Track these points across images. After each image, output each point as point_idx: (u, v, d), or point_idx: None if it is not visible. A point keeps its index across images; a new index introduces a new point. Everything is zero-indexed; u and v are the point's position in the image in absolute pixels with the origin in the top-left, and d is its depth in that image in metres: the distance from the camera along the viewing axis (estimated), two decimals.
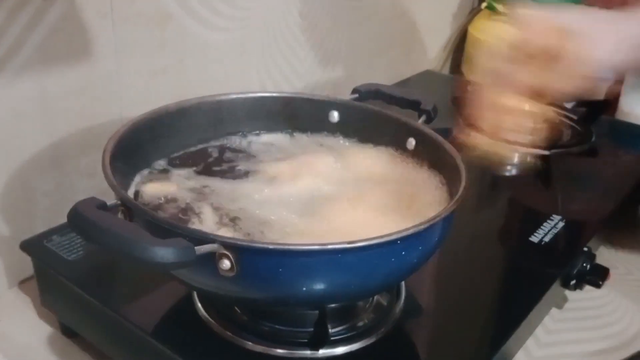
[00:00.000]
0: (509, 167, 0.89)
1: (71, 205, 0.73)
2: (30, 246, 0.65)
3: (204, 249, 0.43)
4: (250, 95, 0.68)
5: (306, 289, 0.46)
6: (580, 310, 0.72)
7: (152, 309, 0.59)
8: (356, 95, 0.70)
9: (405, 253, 0.47)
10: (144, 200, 0.57)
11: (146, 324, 0.57)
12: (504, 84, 0.58)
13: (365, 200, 0.59)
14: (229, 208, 0.56)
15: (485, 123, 0.59)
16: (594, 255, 0.69)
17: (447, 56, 1.35)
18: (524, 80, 0.57)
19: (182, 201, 0.58)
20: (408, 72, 1.22)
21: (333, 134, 0.69)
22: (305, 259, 0.45)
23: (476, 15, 1.30)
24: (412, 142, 0.64)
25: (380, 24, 1.14)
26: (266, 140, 0.69)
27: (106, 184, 0.51)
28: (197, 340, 0.55)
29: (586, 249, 0.69)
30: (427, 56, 1.32)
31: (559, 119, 0.93)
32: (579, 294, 0.71)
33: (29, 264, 0.66)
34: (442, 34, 1.34)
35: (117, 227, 0.41)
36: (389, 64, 1.20)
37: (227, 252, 0.43)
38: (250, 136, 0.69)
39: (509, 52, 0.58)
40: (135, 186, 0.58)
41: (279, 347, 0.53)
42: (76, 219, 0.42)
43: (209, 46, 0.84)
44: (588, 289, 0.70)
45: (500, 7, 1.22)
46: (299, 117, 0.69)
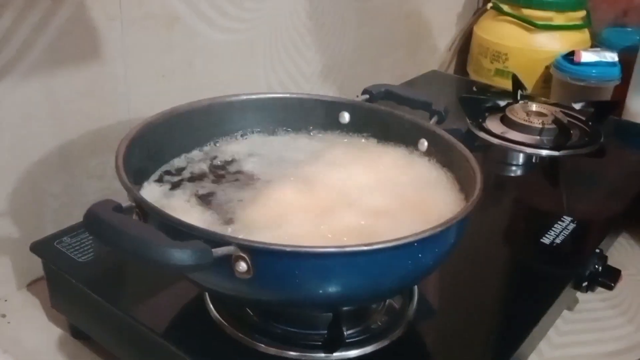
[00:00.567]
0: (517, 167, 0.89)
1: (80, 206, 0.73)
2: (40, 248, 0.65)
3: (220, 251, 0.42)
4: (261, 96, 0.67)
5: (322, 291, 0.46)
6: (592, 311, 0.72)
7: (163, 311, 0.59)
8: (367, 96, 0.70)
9: (421, 255, 0.46)
10: None
11: (157, 325, 0.56)
12: None
13: (378, 201, 0.59)
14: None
15: None
16: (605, 257, 0.68)
17: (453, 57, 1.35)
18: None
19: None
20: (414, 72, 1.22)
21: (346, 133, 0.69)
22: (322, 261, 0.44)
23: (482, 16, 1.29)
24: (424, 143, 0.64)
25: (386, 24, 1.14)
26: (273, 140, 0.68)
27: (115, 186, 0.51)
28: (208, 342, 0.55)
29: (598, 250, 0.68)
30: (433, 57, 1.32)
31: (567, 119, 0.92)
32: (591, 295, 0.70)
33: (38, 265, 0.66)
34: (447, 35, 1.34)
35: (134, 230, 0.41)
36: (394, 65, 1.20)
37: (244, 254, 0.43)
38: (258, 135, 0.68)
39: None
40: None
41: (292, 350, 0.53)
42: (92, 221, 0.42)
43: (217, 47, 0.84)
44: (599, 290, 0.69)
45: (506, 8, 1.21)
46: (310, 118, 0.68)
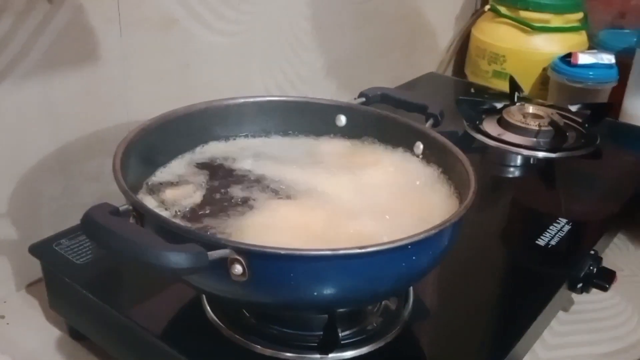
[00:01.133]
0: (514, 169, 0.89)
1: (78, 208, 0.73)
2: (39, 250, 0.65)
3: (216, 254, 0.43)
4: (258, 100, 0.68)
5: (317, 294, 0.46)
6: (587, 312, 0.72)
7: (160, 312, 0.59)
8: (363, 99, 0.70)
9: (415, 258, 0.47)
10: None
11: (154, 327, 0.57)
12: None
13: (373, 204, 0.59)
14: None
15: None
16: (600, 259, 0.69)
17: (450, 58, 1.35)
18: None
19: None
20: (411, 74, 1.22)
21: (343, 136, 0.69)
22: (316, 264, 0.45)
23: (479, 18, 1.30)
24: (419, 147, 0.64)
25: (383, 26, 1.14)
26: (271, 143, 0.69)
27: (112, 188, 0.51)
28: (205, 343, 0.55)
29: (592, 252, 0.69)
30: (430, 59, 1.32)
31: (563, 121, 0.93)
32: (586, 296, 0.71)
33: (37, 267, 0.66)
34: (445, 37, 1.34)
35: (130, 233, 0.41)
36: (391, 67, 1.20)
37: (239, 257, 0.43)
38: (256, 139, 0.69)
39: None
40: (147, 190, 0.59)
41: (288, 351, 0.53)
42: (89, 225, 0.42)
43: (214, 50, 0.84)
44: (595, 291, 0.70)
45: (504, 10, 1.22)
46: (306, 121, 0.69)
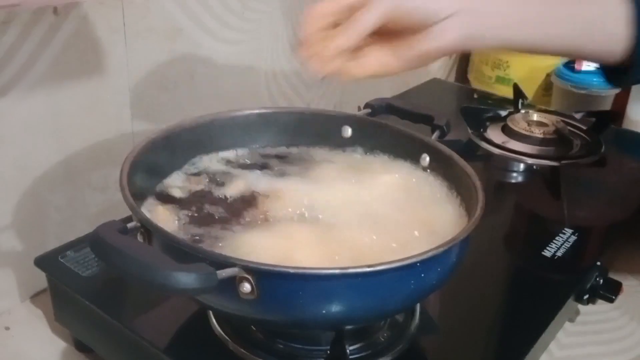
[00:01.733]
0: (519, 178, 0.89)
1: (83, 219, 0.74)
2: (44, 262, 0.65)
3: (225, 273, 0.43)
4: (263, 111, 0.68)
5: (326, 312, 0.46)
6: (593, 324, 0.72)
7: (166, 326, 0.59)
8: (369, 110, 0.70)
9: (424, 275, 0.47)
10: None
11: (160, 340, 0.57)
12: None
13: (380, 219, 0.59)
14: None
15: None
16: (606, 270, 0.69)
17: (453, 64, 1.35)
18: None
19: None
20: (414, 80, 1.22)
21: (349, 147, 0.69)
22: (325, 283, 0.44)
23: None
24: (426, 159, 0.64)
25: None
26: (276, 154, 0.69)
27: (118, 198, 0.51)
28: (211, 357, 0.55)
29: (599, 263, 0.69)
30: (434, 65, 1.32)
31: (568, 129, 0.93)
32: (591, 307, 0.71)
33: (41, 278, 0.66)
34: None
35: (139, 253, 0.41)
36: None
37: (248, 276, 0.43)
38: (262, 150, 0.69)
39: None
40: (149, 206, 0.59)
41: None
42: (98, 244, 0.42)
43: (219, 59, 0.84)
44: (600, 302, 0.70)
45: None
46: (312, 132, 0.69)
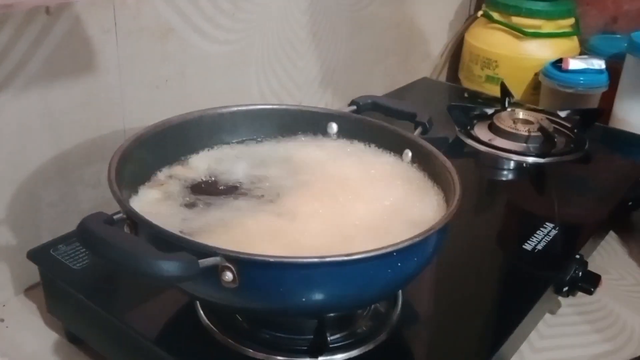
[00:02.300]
0: (504, 174, 0.91)
1: (76, 215, 0.75)
2: (37, 255, 0.67)
3: (207, 262, 0.44)
4: (251, 108, 0.70)
5: (305, 300, 0.48)
6: (574, 315, 0.73)
7: (155, 317, 0.61)
8: (354, 107, 0.72)
9: (401, 264, 0.48)
10: None
11: (149, 331, 0.58)
12: None
13: (363, 209, 0.61)
14: None
15: None
16: (586, 263, 0.70)
17: (444, 63, 1.37)
18: None
19: None
20: (405, 79, 1.23)
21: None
22: (304, 271, 0.46)
23: (472, 23, 1.31)
24: (408, 154, 0.66)
25: (378, 32, 1.16)
26: (262, 148, 0.70)
27: (109, 194, 0.53)
28: (199, 347, 0.57)
29: (578, 256, 0.70)
30: (425, 64, 1.34)
31: (552, 127, 0.94)
32: (573, 299, 0.72)
33: (35, 271, 0.68)
34: (438, 42, 1.35)
35: (123, 242, 0.43)
36: (386, 72, 1.22)
37: (230, 265, 0.45)
38: (248, 146, 0.70)
39: None
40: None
41: (279, 355, 0.55)
42: (84, 234, 0.44)
43: (210, 58, 0.86)
44: (583, 295, 0.71)
45: (496, 16, 1.23)
46: (298, 128, 0.70)
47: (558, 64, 1.15)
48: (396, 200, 0.62)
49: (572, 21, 1.24)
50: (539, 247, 0.71)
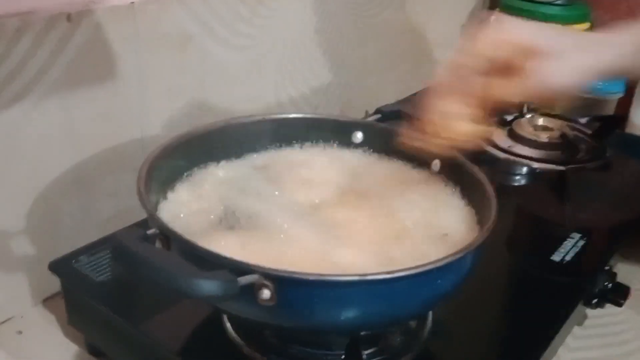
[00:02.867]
0: (524, 182, 0.90)
1: (95, 224, 0.75)
2: (58, 267, 0.66)
3: (245, 280, 0.43)
4: (274, 117, 0.69)
5: (343, 318, 0.47)
6: (601, 327, 0.72)
7: (179, 329, 0.60)
8: (379, 116, 0.71)
9: (440, 281, 0.47)
10: None
11: (174, 344, 0.57)
12: (456, 89, 0.57)
13: (390, 221, 0.60)
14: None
15: (432, 128, 0.57)
16: (614, 274, 0.70)
17: None
18: (475, 87, 0.56)
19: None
20: (418, 85, 1.22)
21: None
22: (343, 290, 0.45)
23: None
24: (437, 164, 0.65)
25: (392, 38, 1.15)
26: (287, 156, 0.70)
27: (128, 203, 0.52)
28: None
29: (607, 267, 0.69)
30: (436, 69, 1.32)
31: (573, 134, 0.93)
32: (598, 311, 0.71)
33: (53, 282, 0.67)
34: (450, 48, 1.34)
35: (162, 261, 0.42)
36: (399, 78, 1.21)
37: (267, 282, 0.44)
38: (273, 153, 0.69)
39: (468, 59, 0.57)
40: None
41: None
42: (121, 252, 0.43)
43: (228, 65, 0.85)
44: (606, 305, 0.70)
45: None
46: (323, 137, 0.69)
47: None
48: (424, 212, 0.61)
49: (586, 26, 1.23)
50: (568, 258, 0.70)
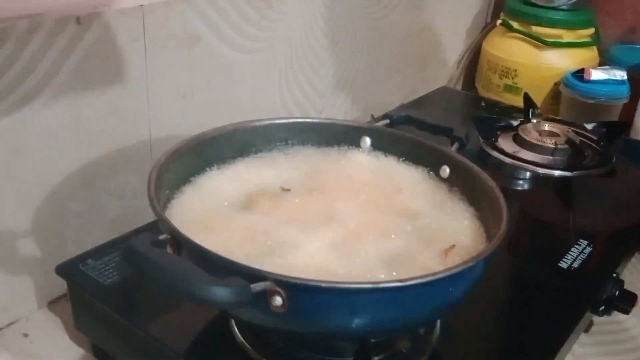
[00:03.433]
0: (530, 187, 0.90)
1: (101, 225, 0.74)
2: (65, 270, 0.65)
3: (258, 286, 0.43)
4: (284, 121, 0.68)
5: (354, 325, 0.46)
6: (607, 334, 0.73)
7: (187, 333, 0.59)
8: (387, 121, 0.71)
9: (452, 289, 0.47)
10: None
11: (182, 347, 0.57)
12: None
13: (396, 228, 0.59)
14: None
15: None
16: (622, 281, 0.69)
17: (461, 72, 1.36)
18: None
19: None
20: (423, 88, 1.23)
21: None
22: (356, 297, 0.45)
23: (490, 32, 1.30)
24: (446, 170, 0.64)
25: (398, 41, 1.15)
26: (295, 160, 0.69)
27: (134, 204, 0.52)
28: None
29: (615, 274, 0.69)
30: (442, 72, 1.33)
31: (579, 139, 0.93)
32: (605, 317, 0.71)
33: (59, 284, 0.66)
34: (456, 50, 1.34)
35: (175, 266, 0.42)
36: (404, 80, 1.21)
37: (280, 289, 0.44)
38: (279, 158, 0.69)
39: None
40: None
41: None
42: (133, 257, 0.42)
43: (235, 67, 0.85)
44: (614, 313, 0.70)
45: (516, 25, 1.22)
46: (331, 142, 0.69)
47: (579, 74, 1.14)
48: (432, 218, 0.61)
49: (592, 31, 1.23)
50: (575, 265, 0.70)
